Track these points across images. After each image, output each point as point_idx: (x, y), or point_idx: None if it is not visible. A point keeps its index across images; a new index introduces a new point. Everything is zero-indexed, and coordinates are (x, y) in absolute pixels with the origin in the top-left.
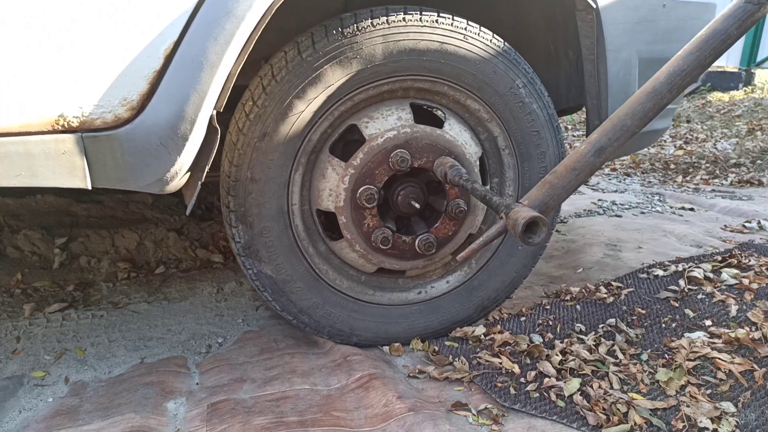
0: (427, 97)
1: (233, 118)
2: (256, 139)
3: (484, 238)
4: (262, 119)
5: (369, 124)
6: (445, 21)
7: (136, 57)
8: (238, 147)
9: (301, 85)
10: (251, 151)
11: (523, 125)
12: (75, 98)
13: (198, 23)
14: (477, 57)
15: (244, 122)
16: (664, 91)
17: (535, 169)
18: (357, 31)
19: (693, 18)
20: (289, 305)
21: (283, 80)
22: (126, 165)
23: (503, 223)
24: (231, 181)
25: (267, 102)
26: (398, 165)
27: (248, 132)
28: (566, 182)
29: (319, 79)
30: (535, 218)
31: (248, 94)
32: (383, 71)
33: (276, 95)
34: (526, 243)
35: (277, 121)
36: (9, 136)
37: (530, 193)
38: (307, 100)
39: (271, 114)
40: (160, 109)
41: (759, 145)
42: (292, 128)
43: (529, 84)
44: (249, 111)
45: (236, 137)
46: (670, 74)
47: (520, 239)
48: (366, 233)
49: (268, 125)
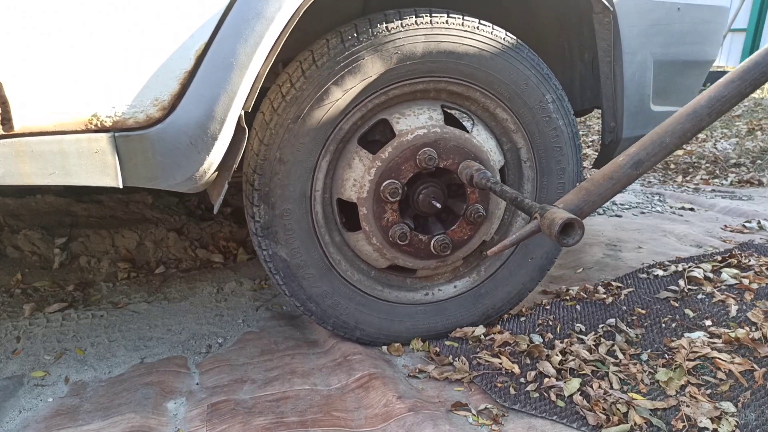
0: (458, 102)
1: (267, 99)
2: (290, 121)
3: (517, 236)
4: (298, 102)
5: (400, 120)
6: (484, 29)
7: (168, 58)
8: (271, 127)
9: (340, 72)
10: (283, 132)
11: (547, 140)
12: (108, 98)
13: (228, 25)
14: (511, 67)
15: (280, 103)
16: (704, 114)
17: (553, 185)
18: (401, 27)
19: (706, 21)
20: (298, 291)
21: (323, 66)
22: (157, 164)
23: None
24: (259, 159)
25: (305, 86)
26: (425, 163)
27: (283, 113)
28: (602, 190)
29: (358, 70)
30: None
31: (286, 77)
32: (420, 70)
33: (315, 80)
34: (561, 244)
35: (312, 105)
36: (44, 135)
37: (566, 197)
38: (345, 88)
39: (308, 98)
40: (190, 109)
41: (759, 145)
42: (326, 114)
43: (557, 100)
44: (286, 93)
45: (270, 117)
46: (710, 99)
47: (554, 239)
48: (384, 227)
49: (304, 108)
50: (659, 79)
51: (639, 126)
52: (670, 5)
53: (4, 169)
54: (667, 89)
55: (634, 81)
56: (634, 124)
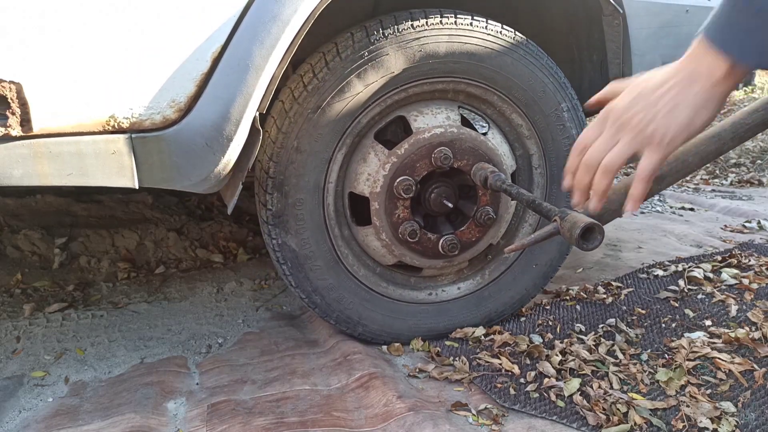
0: (474, 104)
1: (287, 88)
2: (310, 111)
3: (535, 236)
4: (319, 92)
5: (418, 118)
6: (507, 33)
7: (185, 60)
8: (290, 115)
9: (363, 66)
10: (302, 122)
11: (560, 148)
12: (126, 100)
13: (245, 27)
14: (530, 73)
15: (301, 92)
16: (727, 138)
17: (562, 194)
18: (426, 26)
19: None
20: (305, 282)
21: (347, 58)
22: (172, 165)
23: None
24: (276, 147)
25: (327, 76)
26: (440, 162)
27: (303, 102)
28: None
29: (381, 64)
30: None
31: (308, 66)
32: (442, 69)
33: (337, 72)
34: (580, 247)
35: (333, 96)
36: (63, 137)
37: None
38: (366, 82)
39: (329, 89)
40: (206, 111)
41: (759, 145)
42: (346, 107)
43: (572, 109)
44: (308, 82)
45: (290, 105)
46: (735, 125)
47: (574, 243)
48: (395, 223)
49: (325, 99)
50: None
51: None
52: (678, 7)
53: (23, 169)
54: None
55: None
56: None
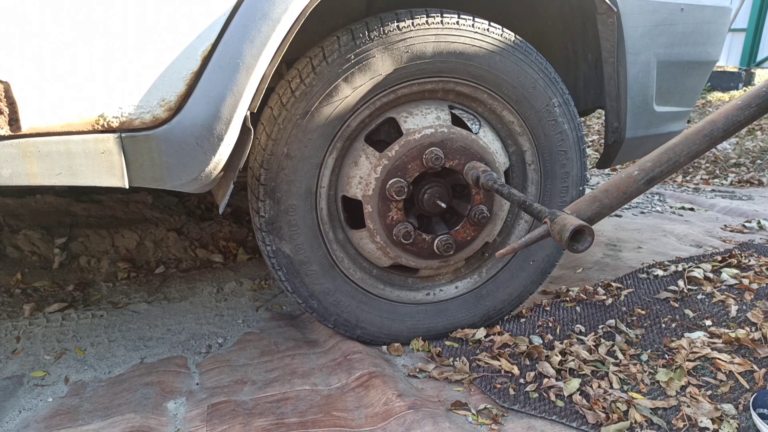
0: (465, 103)
1: (276, 94)
2: (299, 116)
3: (526, 239)
4: (307, 97)
5: (408, 119)
6: (495, 31)
7: (175, 59)
8: (279, 122)
9: (350, 70)
10: (291, 127)
11: (552, 143)
12: (115, 99)
13: (235, 26)
14: (520, 70)
15: (289, 98)
16: (718, 137)
17: (557, 188)
18: (412, 26)
19: (709, 22)
20: (301, 287)
21: (333, 63)
22: (162, 164)
23: (546, 228)
24: (266, 154)
25: (315, 81)
26: (432, 162)
27: (291, 108)
28: (613, 202)
29: (368, 67)
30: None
31: (295, 72)
32: (430, 69)
33: (325, 76)
34: (570, 250)
35: (321, 101)
36: (51, 136)
37: (577, 205)
38: (354, 86)
39: (317, 94)
40: (196, 110)
41: (759, 145)
42: (335, 111)
43: (564, 104)
44: (295, 88)
45: (278, 112)
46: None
47: (564, 245)
48: (389, 225)
49: (313, 104)
50: (662, 79)
51: (642, 126)
52: (673, 6)
53: (12, 169)
54: (670, 90)
55: (637, 81)
56: (638, 124)
